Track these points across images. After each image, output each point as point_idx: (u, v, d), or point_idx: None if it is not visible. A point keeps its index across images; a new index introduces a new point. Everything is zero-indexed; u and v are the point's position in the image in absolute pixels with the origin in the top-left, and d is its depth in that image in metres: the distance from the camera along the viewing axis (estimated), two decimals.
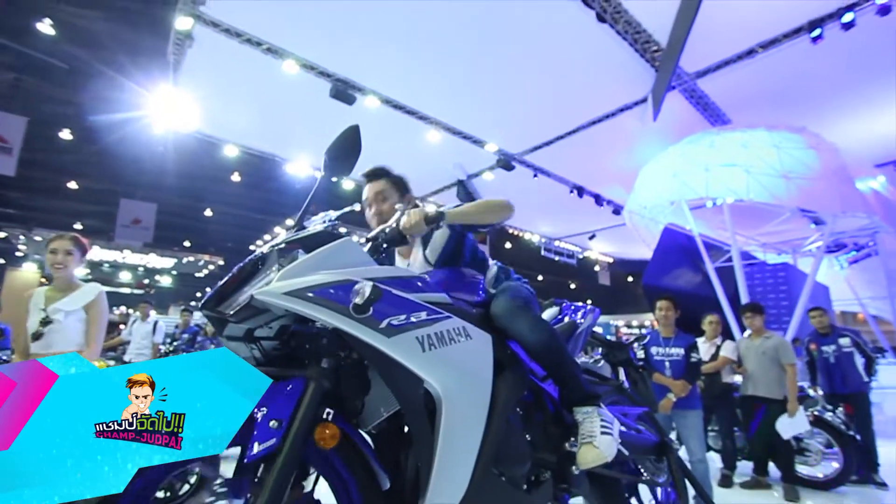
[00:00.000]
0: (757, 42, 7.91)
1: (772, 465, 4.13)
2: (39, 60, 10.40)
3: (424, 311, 1.10)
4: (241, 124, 10.16)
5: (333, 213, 1.28)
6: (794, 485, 3.86)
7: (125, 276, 21.73)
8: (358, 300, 0.97)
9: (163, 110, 9.33)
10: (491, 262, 1.72)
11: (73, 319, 2.40)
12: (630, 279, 24.29)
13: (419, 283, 1.20)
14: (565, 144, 10.84)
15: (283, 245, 1.10)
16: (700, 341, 3.96)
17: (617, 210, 13.45)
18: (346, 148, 1.21)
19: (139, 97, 9.54)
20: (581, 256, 18.78)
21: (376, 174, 1.73)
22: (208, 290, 1.14)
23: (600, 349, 2.05)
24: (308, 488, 1.08)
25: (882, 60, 7.74)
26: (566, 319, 1.76)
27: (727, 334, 4.10)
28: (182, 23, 7.05)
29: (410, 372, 1.01)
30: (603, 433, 1.27)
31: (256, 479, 0.91)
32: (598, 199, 13.34)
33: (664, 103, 8.94)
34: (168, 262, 22.60)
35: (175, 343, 6.77)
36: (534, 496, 1.24)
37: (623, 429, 1.58)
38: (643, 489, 1.86)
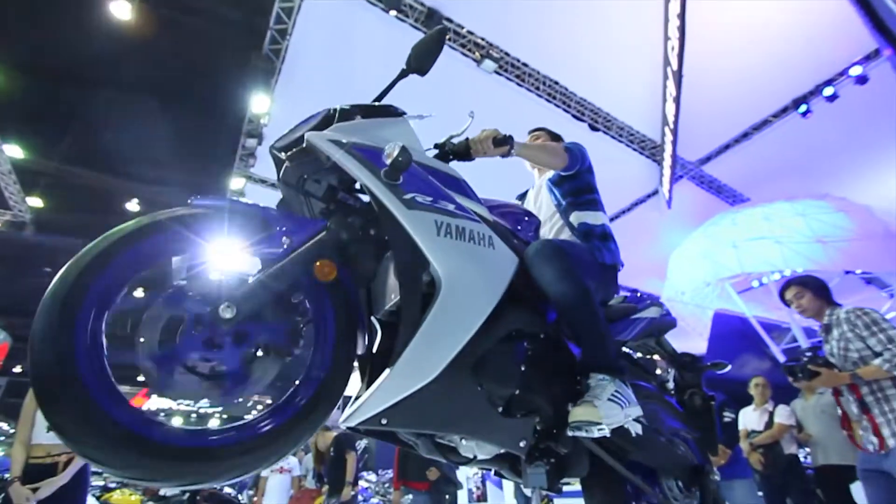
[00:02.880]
0: (749, 125, 8.39)
1: None
2: None
3: (453, 205, 1.12)
4: None
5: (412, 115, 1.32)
6: None
7: (176, 422, 22.41)
8: (387, 160, 1.01)
9: (219, 261, 10.54)
10: (603, 215, 1.63)
11: None
12: None
13: (460, 186, 1.24)
14: None
15: (346, 108, 1.18)
16: (749, 409, 3.57)
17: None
18: (430, 46, 1.28)
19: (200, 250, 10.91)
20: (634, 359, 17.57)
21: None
22: None
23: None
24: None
25: (883, 122, 7.90)
26: (624, 301, 1.60)
27: (781, 399, 3.66)
28: (235, 183, 8.39)
29: (419, 251, 1.02)
30: (610, 400, 1.12)
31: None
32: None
33: (677, 192, 9.27)
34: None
35: None
36: (507, 421, 1.13)
37: (654, 426, 1.42)
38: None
